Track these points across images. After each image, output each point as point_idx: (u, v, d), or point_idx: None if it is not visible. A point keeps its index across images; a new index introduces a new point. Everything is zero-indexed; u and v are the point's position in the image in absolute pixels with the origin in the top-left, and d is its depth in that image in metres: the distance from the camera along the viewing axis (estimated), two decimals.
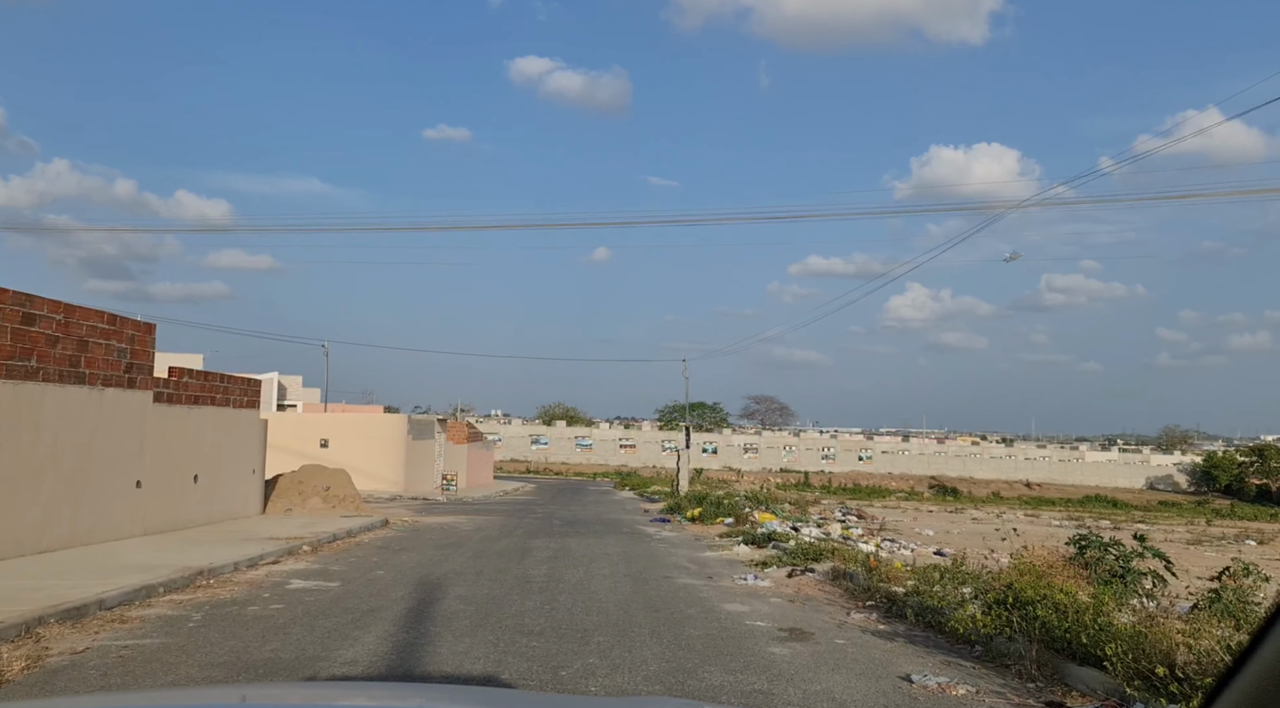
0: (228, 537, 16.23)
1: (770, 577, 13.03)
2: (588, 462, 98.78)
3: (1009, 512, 53.57)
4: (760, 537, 17.88)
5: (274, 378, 38.96)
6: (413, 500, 33.45)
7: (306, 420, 35.16)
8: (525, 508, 31.25)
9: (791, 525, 20.62)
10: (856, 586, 11.61)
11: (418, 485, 37.83)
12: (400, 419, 36.38)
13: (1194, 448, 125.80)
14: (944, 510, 45.87)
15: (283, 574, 12.45)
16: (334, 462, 34.88)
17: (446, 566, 13.64)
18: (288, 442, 34.21)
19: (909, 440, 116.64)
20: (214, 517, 18.78)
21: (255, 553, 13.85)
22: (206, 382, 18.55)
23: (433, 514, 26.43)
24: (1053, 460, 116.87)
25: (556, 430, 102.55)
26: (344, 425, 35.10)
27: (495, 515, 26.55)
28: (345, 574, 12.45)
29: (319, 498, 22.95)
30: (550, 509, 30.71)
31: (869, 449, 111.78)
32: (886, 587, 10.85)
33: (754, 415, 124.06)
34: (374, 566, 13.54)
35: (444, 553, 15.59)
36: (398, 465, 35.96)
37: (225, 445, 19.40)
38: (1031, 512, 56.94)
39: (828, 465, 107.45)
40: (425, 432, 40.16)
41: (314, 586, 11.42)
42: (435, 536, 18.84)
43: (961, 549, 19.99)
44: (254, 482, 21.23)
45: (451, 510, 28.23)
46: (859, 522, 29.43)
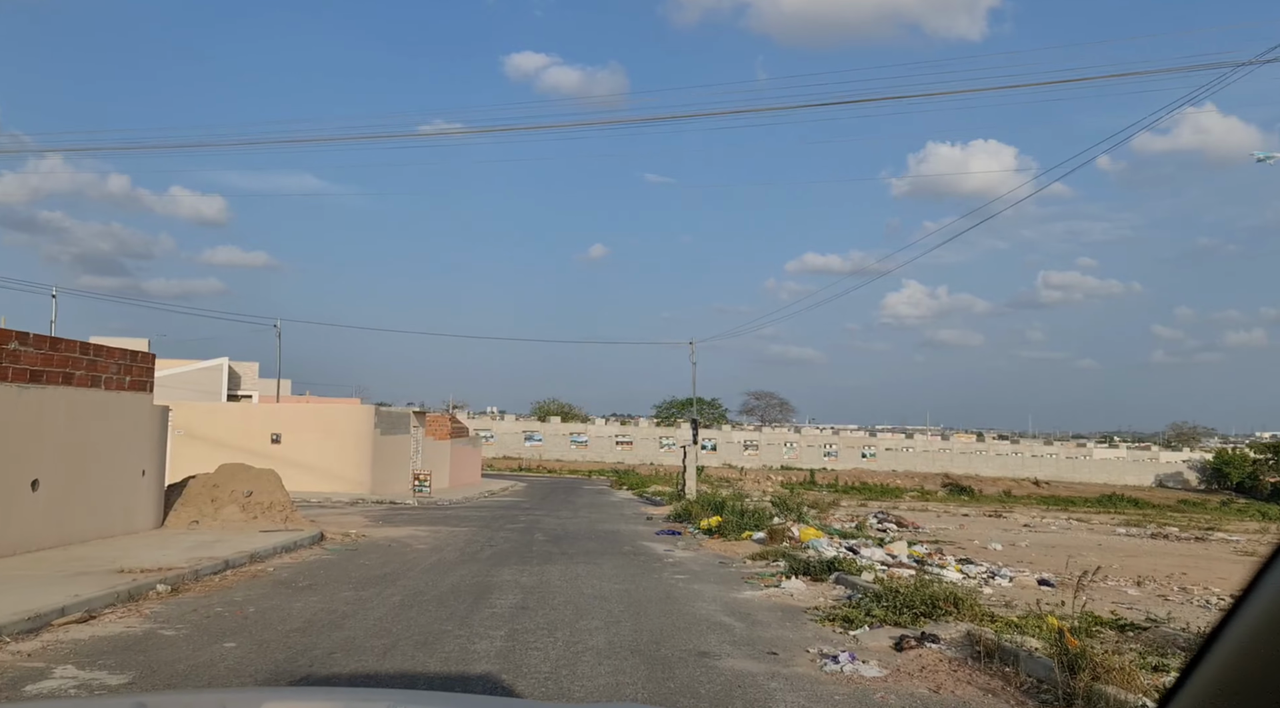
0: (49, 571, 10.97)
1: (869, 650, 7.87)
2: (583, 459, 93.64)
3: (1038, 513, 48.47)
4: (814, 565, 12.68)
5: (223, 364, 33.65)
6: (377, 505, 28.27)
7: (255, 413, 29.95)
8: (507, 514, 26.07)
9: (846, 546, 15.47)
10: (1041, 680, 6.48)
11: (389, 486, 32.65)
12: (366, 411, 31.20)
13: (1200, 445, 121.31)
14: (981, 514, 40.84)
15: (54, 653, 7.26)
16: (290, 460, 29.65)
17: (349, 626, 8.49)
18: (231, 437, 28.97)
19: (912, 437, 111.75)
20: (73, 535, 13.55)
21: (45, 606, 8.63)
22: (55, 351, 13.26)
23: (391, 524, 21.25)
24: (1059, 458, 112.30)
25: (551, 427, 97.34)
26: (300, 418, 29.90)
27: (467, 525, 21.36)
28: (159, 656, 7.20)
29: (237, 506, 17.70)
30: (536, 516, 25.54)
31: (872, 446, 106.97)
32: (1114, 694, 5.74)
33: (753, 412, 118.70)
34: (233, 627, 8.36)
35: (363, 596, 10.39)
36: (362, 464, 30.76)
37: (92, 440, 14.17)
38: (1058, 511, 51.91)
39: (829, 463, 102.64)
40: (398, 426, 34.95)
41: (85, 679, 6.25)
42: (372, 561, 13.62)
43: (1064, 573, 14.83)
44: (145, 488, 15.97)
45: (416, 519, 23.05)
46: (901, 531, 24.36)
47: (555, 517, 25.31)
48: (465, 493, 37.07)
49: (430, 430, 43.19)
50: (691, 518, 22.38)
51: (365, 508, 26.56)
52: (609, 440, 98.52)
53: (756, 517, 19.16)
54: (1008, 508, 51.98)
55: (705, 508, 22.68)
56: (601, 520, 24.39)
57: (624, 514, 27.76)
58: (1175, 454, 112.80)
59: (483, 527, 20.91)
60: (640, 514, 27.81)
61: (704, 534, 19.61)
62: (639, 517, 26.60)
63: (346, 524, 21.04)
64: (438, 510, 26.78)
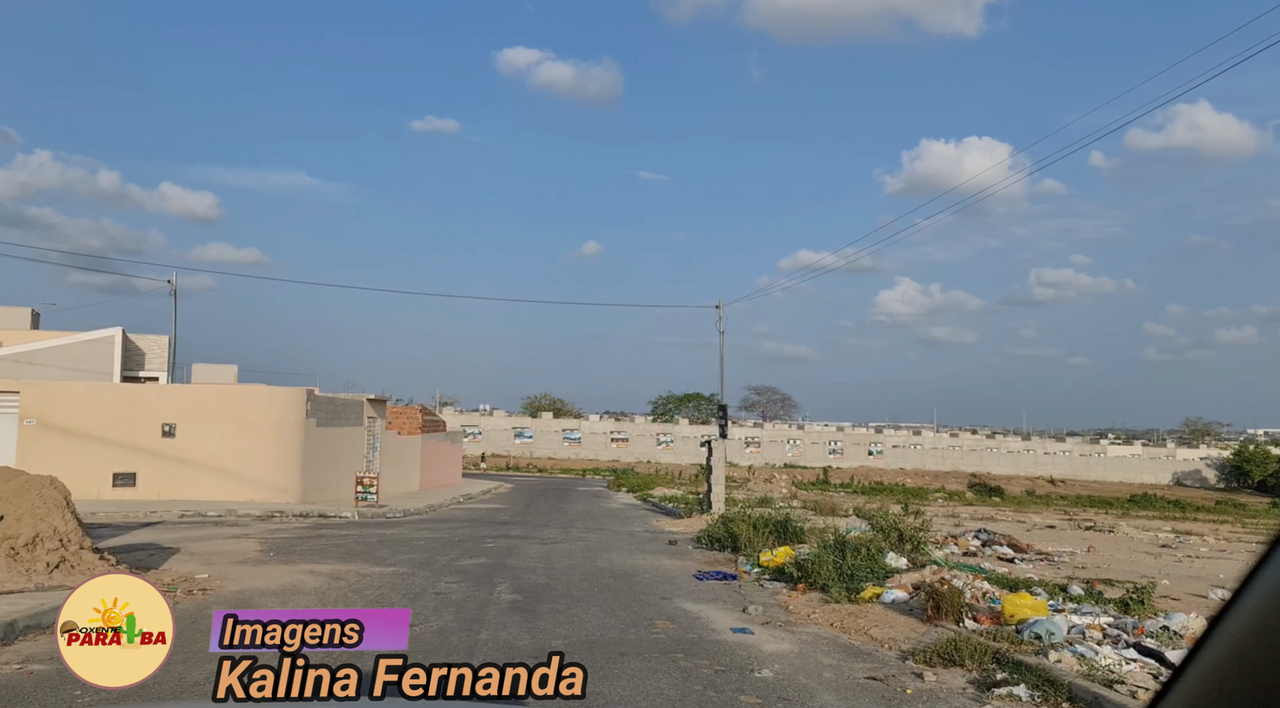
0: None
1: None
2: (576, 456, 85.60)
3: (1098, 517, 40.58)
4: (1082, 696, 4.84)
5: (114, 335, 25.46)
6: (300, 519, 20.28)
7: (141, 397, 21.74)
8: (472, 535, 18.11)
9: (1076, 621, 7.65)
10: None
11: (329, 492, 24.66)
12: (293, 396, 23.14)
13: (1214, 441, 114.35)
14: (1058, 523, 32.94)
15: None
16: (188, 460, 21.54)
17: None
18: (108, 429, 20.95)
19: (920, 433, 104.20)
20: None
21: None
22: None
23: (284, 559, 13.29)
24: (1073, 455, 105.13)
25: (542, 423, 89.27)
26: (202, 405, 21.86)
27: (400, 561, 13.36)
28: None
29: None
30: (511, 538, 17.56)
31: (878, 443, 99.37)
32: None
33: (753, 407, 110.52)
34: None
35: None
36: (287, 464, 22.73)
37: None
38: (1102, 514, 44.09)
39: (835, 460, 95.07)
40: (343, 416, 26.95)
41: None
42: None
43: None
44: None
45: (330, 548, 15.05)
46: (1025, 559, 16.64)
47: (538, 539, 17.40)
48: (434, 498, 29.11)
49: (395, 423, 35.15)
50: (740, 546, 14.51)
51: (276, 526, 18.57)
52: (603, 437, 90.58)
53: (863, 554, 11.22)
54: (1066, 513, 44.12)
55: (759, 531, 14.75)
56: (605, 547, 16.42)
57: (633, 534, 19.82)
58: (1191, 451, 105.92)
59: (421, 565, 12.88)
60: (655, 533, 19.91)
61: (773, 579, 11.74)
62: (655, 538, 18.69)
63: (212, 558, 13.08)
64: (377, 529, 18.80)
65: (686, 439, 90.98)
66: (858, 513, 26.98)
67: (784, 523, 14.72)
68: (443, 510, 25.89)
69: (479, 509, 27.37)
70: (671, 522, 22.66)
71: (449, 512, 25.47)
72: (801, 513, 22.93)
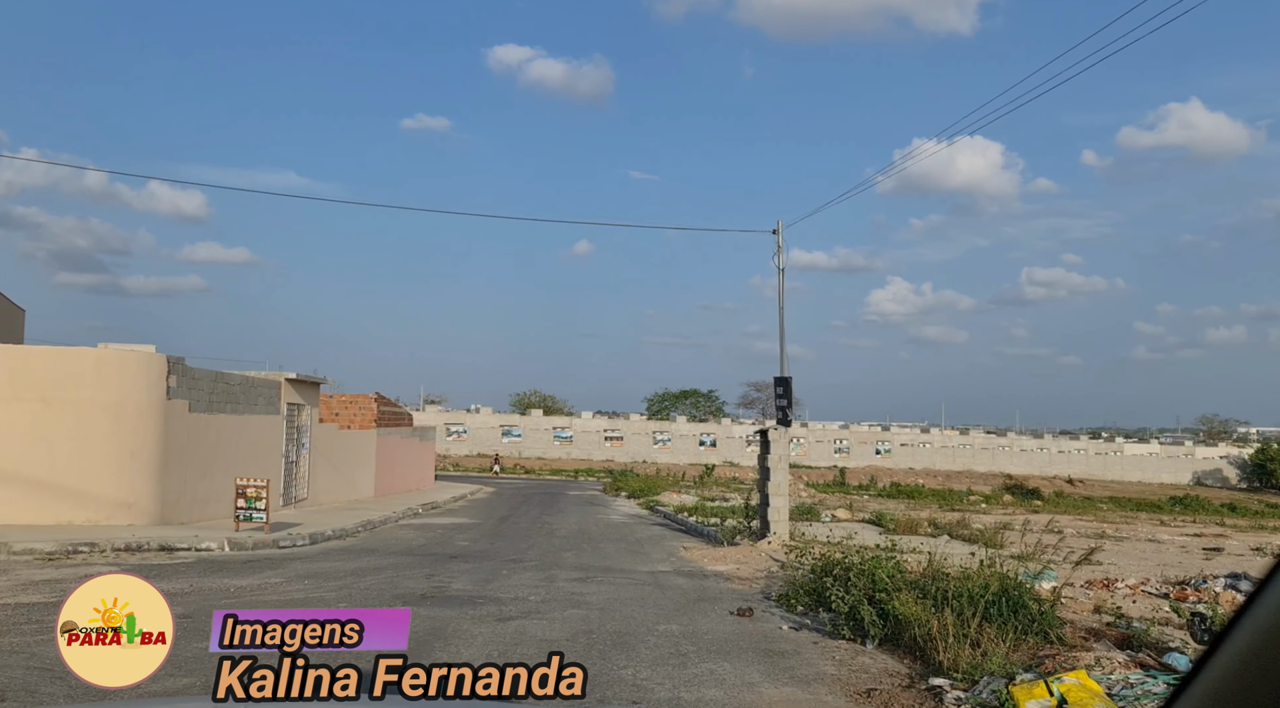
0: None
1: None
2: (567, 456, 77.51)
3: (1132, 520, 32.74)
4: None
5: None
6: (125, 554, 12.30)
7: None
8: (371, 595, 10.23)
9: None
10: None
11: (213, 506, 16.69)
12: (143, 365, 15.05)
13: (1233, 439, 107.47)
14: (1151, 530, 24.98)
15: None
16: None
17: None
18: None
19: (928, 431, 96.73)
20: None
21: None
22: None
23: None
24: (1089, 454, 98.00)
25: (531, 420, 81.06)
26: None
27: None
28: None
29: None
30: (436, 612, 9.70)
31: (886, 441, 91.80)
32: None
33: (753, 404, 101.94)
34: None
35: None
36: (133, 466, 14.70)
37: None
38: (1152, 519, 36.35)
39: (841, 459, 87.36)
40: (244, 401, 18.94)
41: None
42: None
43: None
44: None
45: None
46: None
47: (493, 600, 9.39)
48: (383, 510, 21.10)
49: (334, 414, 27.13)
50: (859, 618, 6.59)
51: (80, 570, 10.65)
52: (597, 436, 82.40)
53: None
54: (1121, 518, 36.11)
55: (959, 607, 6.73)
56: (624, 627, 8.40)
57: (661, 580, 11.73)
58: (1211, 450, 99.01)
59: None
60: (693, 576, 11.95)
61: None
62: (700, 590, 10.69)
63: None
64: (237, 575, 10.85)
65: (685, 438, 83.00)
66: (950, 533, 19.19)
67: (1006, 593, 6.59)
68: (381, 532, 17.85)
69: (436, 526, 19.35)
70: (709, 551, 14.71)
71: (387, 534, 17.42)
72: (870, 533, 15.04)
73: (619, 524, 21.59)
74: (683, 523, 21.25)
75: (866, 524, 21.78)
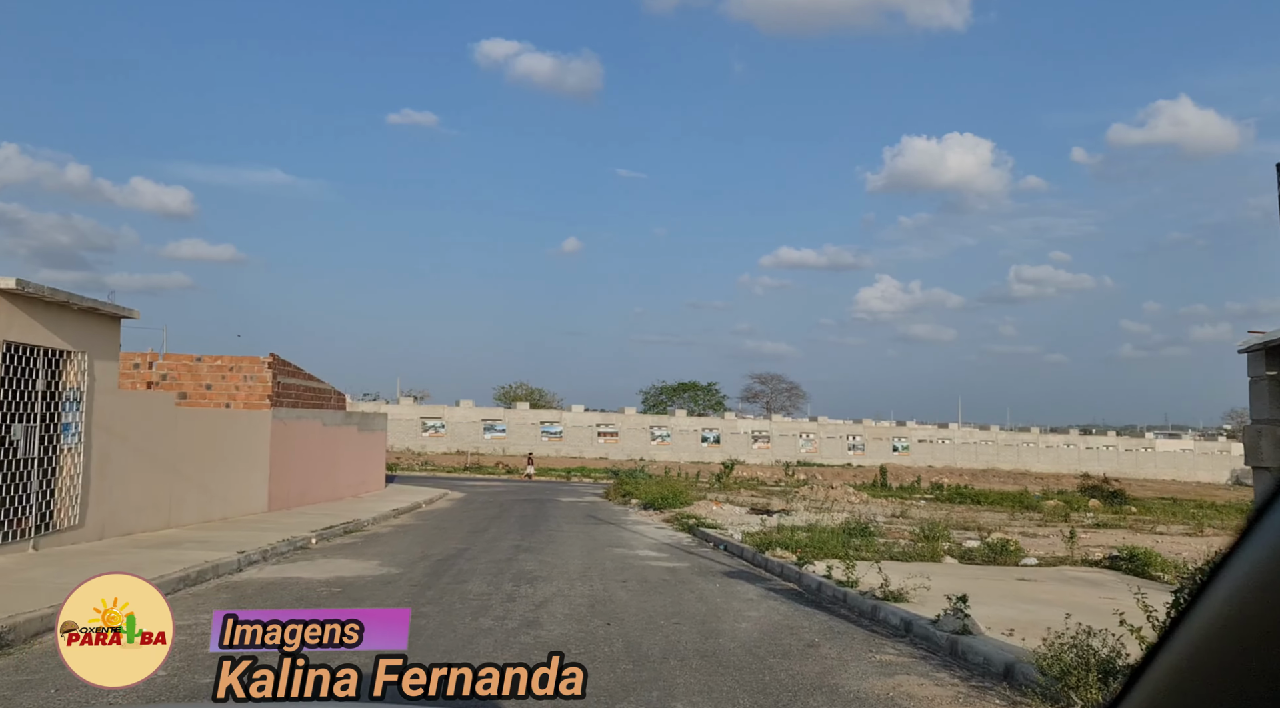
0: None
1: None
2: (556, 453, 67.14)
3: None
4: None
5: None
6: None
7: None
8: None
9: None
10: None
11: None
12: None
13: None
14: None
15: None
16: None
17: None
18: None
19: (947, 427, 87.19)
20: None
21: None
22: None
23: None
24: (1119, 451, 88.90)
25: (517, 414, 70.70)
26: None
27: None
28: None
29: None
30: None
31: (903, 437, 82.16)
32: None
33: (757, 397, 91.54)
34: None
35: None
36: None
37: None
38: None
39: (854, 457, 77.72)
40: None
41: None
42: None
43: None
44: None
45: None
46: None
47: None
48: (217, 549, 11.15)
49: (203, 386, 16.97)
50: None
51: None
52: (589, 431, 71.99)
53: None
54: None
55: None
56: None
57: None
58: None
59: None
60: None
61: None
62: None
63: None
64: None
65: (685, 434, 72.90)
66: None
67: None
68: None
69: (287, 590, 9.32)
70: None
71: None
72: (1124, 595, 5.69)
73: (665, 581, 11.39)
74: (794, 577, 11.10)
75: (1097, 568, 11.91)
